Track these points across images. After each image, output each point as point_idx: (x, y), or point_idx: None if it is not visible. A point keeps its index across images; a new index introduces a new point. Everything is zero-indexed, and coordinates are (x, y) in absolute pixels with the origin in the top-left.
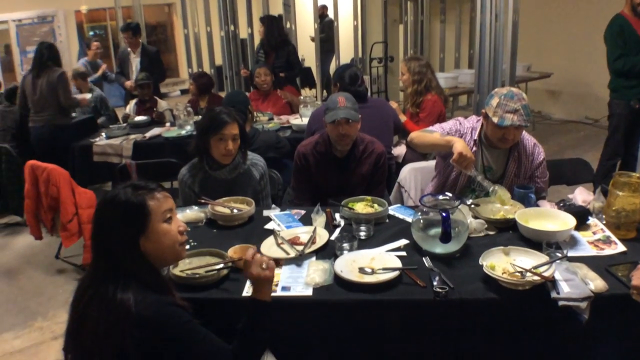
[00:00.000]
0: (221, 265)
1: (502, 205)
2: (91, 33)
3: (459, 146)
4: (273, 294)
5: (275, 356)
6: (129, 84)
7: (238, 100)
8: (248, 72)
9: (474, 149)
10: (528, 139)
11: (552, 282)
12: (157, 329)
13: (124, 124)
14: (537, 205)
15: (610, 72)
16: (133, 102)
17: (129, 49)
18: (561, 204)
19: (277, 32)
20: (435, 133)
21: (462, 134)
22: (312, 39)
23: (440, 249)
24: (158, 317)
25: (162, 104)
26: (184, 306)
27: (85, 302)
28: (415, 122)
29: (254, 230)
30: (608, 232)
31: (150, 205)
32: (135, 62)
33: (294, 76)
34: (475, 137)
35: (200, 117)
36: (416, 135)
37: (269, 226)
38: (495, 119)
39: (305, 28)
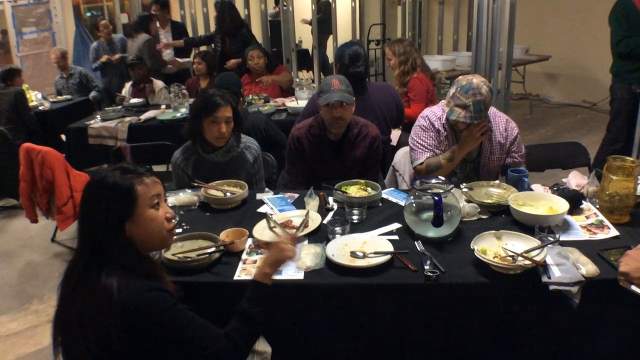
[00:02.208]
0: (213, 249)
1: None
2: (88, 14)
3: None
4: None
5: (266, 339)
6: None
7: (231, 82)
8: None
9: (445, 133)
10: (500, 116)
11: (544, 267)
12: (138, 315)
13: (119, 107)
14: (531, 189)
15: (613, 55)
16: (128, 84)
17: (158, 25)
18: (555, 188)
19: (229, 18)
20: (439, 161)
21: (437, 129)
22: (304, 22)
23: (432, 232)
24: (140, 302)
25: (158, 84)
26: (170, 290)
27: (71, 287)
28: (406, 102)
29: (246, 213)
30: (601, 217)
31: (138, 189)
32: (166, 37)
33: None
34: (444, 121)
35: None
36: (425, 168)
37: (261, 209)
38: (446, 109)
39: (302, 9)
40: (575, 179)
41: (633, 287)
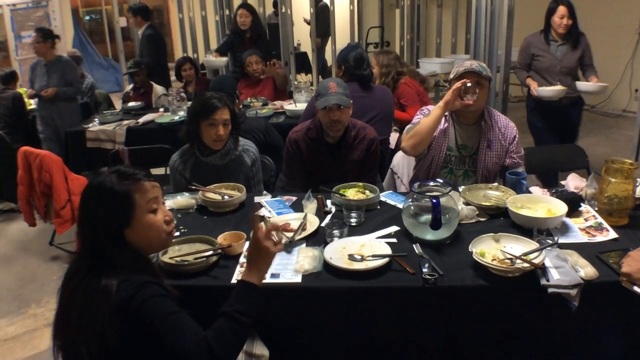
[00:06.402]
0: (210, 252)
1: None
2: (87, 18)
3: (445, 97)
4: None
5: (264, 343)
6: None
7: (226, 83)
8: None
9: (446, 124)
10: (499, 115)
11: (542, 269)
12: (130, 308)
13: (117, 110)
14: (529, 192)
15: None
16: (130, 86)
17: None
18: (553, 190)
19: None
20: (420, 120)
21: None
22: (307, 22)
23: (430, 235)
24: (131, 296)
25: (158, 90)
26: (167, 287)
27: (72, 290)
28: (399, 109)
29: (244, 216)
30: (600, 219)
31: (135, 197)
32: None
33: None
34: (446, 113)
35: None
36: (407, 134)
37: (260, 212)
38: (452, 75)
39: (300, 12)
40: (574, 182)
41: (635, 288)
